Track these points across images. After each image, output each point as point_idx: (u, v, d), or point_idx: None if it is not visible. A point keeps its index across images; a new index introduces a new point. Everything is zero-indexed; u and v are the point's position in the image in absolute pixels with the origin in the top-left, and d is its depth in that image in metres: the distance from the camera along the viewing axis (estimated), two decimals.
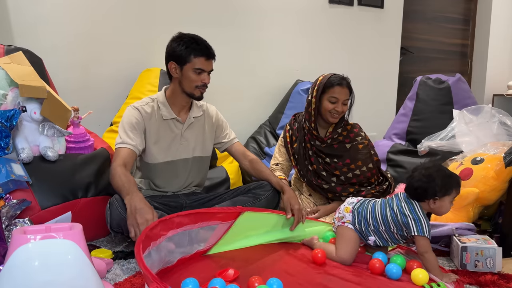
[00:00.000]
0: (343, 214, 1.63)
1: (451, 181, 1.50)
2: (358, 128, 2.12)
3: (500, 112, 2.31)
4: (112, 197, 1.63)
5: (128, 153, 1.68)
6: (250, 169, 1.96)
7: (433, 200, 1.50)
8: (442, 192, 1.49)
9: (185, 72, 1.73)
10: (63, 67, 2.66)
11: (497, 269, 1.58)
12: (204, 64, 1.73)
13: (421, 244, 1.49)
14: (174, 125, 1.82)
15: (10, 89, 1.72)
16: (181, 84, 1.76)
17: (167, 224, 1.41)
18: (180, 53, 1.71)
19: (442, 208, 1.51)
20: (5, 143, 1.59)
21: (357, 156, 2.04)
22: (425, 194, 1.50)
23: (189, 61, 1.71)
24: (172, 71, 1.76)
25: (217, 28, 3.12)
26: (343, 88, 1.98)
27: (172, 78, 1.79)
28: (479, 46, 4.38)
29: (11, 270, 1.02)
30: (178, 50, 1.71)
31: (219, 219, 1.59)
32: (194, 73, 1.72)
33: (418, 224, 1.49)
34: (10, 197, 1.51)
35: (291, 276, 1.45)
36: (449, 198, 1.51)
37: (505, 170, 1.87)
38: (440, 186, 1.48)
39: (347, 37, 3.63)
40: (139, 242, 1.21)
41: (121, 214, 1.56)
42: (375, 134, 3.27)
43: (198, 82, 1.74)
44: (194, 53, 1.71)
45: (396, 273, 1.45)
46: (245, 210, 1.65)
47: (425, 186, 1.49)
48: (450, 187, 1.50)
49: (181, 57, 1.71)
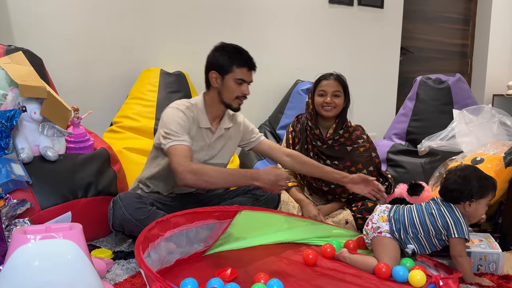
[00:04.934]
0: (379, 224, 1.58)
1: (488, 184, 1.48)
2: (360, 131, 2.12)
3: (500, 112, 2.31)
4: (115, 196, 1.62)
5: (187, 149, 1.62)
6: (295, 165, 1.92)
7: (469, 203, 1.48)
8: (479, 194, 1.47)
9: (226, 82, 1.71)
10: (63, 67, 2.66)
11: (499, 273, 1.58)
12: (246, 75, 1.73)
13: (458, 248, 1.47)
14: (206, 134, 1.79)
15: (10, 89, 1.72)
16: (220, 94, 1.74)
17: (164, 225, 1.41)
18: (223, 63, 1.70)
19: (478, 211, 1.49)
20: (5, 143, 1.59)
21: (358, 159, 2.04)
22: (461, 196, 1.48)
23: (231, 71, 1.70)
24: (213, 81, 1.73)
25: (217, 28, 3.12)
26: (330, 80, 2.02)
27: (210, 87, 1.77)
28: (479, 46, 4.38)
29: (11, 270, 1.02)
30: (221, 60, 1.70)
31: (216, 217, 1.59)
32: (235, 83, 1.71)
33: (458, 225, 1.46)
34: (10, 197, 1.51)
35: (291, 276, 1.45)
36: (485, 200, 1.49)
37: (505, 170, 1.86)
38: (477, 188, 1.46)
39: (347, 37, 3.62)
40: (139, 243, 1.21)
41: (124, 214, 1.55)
42: (375, 134, 3.27)
43: (239, 93, 1.73)
44: (236, 63, 1.70)
45: (403, 276, 1.42)
46: (242, 209, 1.65)
47: (461, 188, 1.47)
48: (487, 190, 1.48)
49: (223, 67, 1.70)
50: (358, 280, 1.43)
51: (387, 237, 1.55)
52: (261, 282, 1.31)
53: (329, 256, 1.64)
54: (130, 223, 1.56)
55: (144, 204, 1.60)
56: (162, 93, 2.71)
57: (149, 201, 1.65)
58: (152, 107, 2.66)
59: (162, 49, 2.99)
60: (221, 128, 1.82)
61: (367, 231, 1.62)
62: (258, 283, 1.30)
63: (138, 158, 2.44)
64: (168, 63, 2.93)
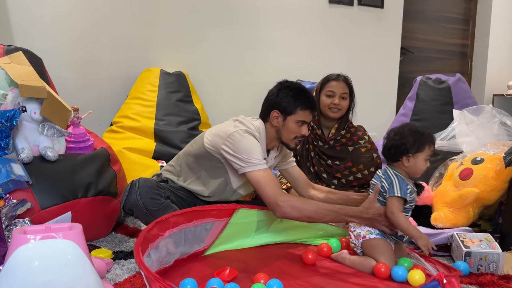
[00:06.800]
0: (358, 229, 1.56)
1: (422, 138, 1.50)
2: (362, 131, 2.12)
3: (500, 112, 2.30)
4: (134, 181, 1.61)
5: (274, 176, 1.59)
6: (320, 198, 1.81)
7: (407, 158, 1.50)
8: (414, 148, 1.49)
9: (288, 123, 1.68)
10: (63, 67, 2.66)
11: (499, 273, 1.58)
12: (308, 117, 1.70)
13: (389, 206, 1.48)
14: None
15: (10, 89, 1.72)
16: (279, 132, 1.71)
17: (163, 225, 1.41)
18: (287, 104, 1.67)
19: (417, 166, 1.50)
20: (5, 143, 1.59)
21: (359, 160, 2.04)
22: (399, 152, 1.50)
23: (294, 112, 1.67)
24: (273, 119, 1.70)
25: (217, 28, 3.13)
26: (339, 82, 2.01)
27: (267, 122, 1.73)
28: (479, 46, 4.37)
29: (11, 270, 1.02)
30: (286, 101, 1.67)
31: (213, 216, 1.58)
32: (296, 125, 1.68)
33: (390, 185, 1.48)
34: (10, 197, 1.51)
35: (291, 276, 1.45)
36: (423, 155, 1.50)
37: (505, 170, 1.86)
38: (412, 143, 1.49)
39: (347, 37, 3.63)
40: (138, 245, 1.21)
41: (137, 200, 1.56)
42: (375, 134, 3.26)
43: (298, 134, 1.69)
44: (301, 106, 1.67)
45: (402, 275, 1.41)
46: (239, 207, 1.65)
47: (397, 144, 1.50)
48: (422, 143, 1.49)
49: (287, 108, 1.67)
50: (357, 280, 1.43)
51: (372, 238, 1.53)
52: (261, 282, 1.31)
53: (325, 255, 1.64)
54: (140, 210, 1.57)
55: (159, 196, 1.59)
56: (162, 93, 2.71)
57: (165, 194, 1.64)
58: (152, 107, 2.66)
59: (162, 49, 2.99)
60: (271, 158, 1.79)
61: (353, 243, 1.60)
62: (258, 283, 1.30)
63: (138, 158, 2.44)
64: (168, 63, 2.93)
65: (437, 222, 1.90)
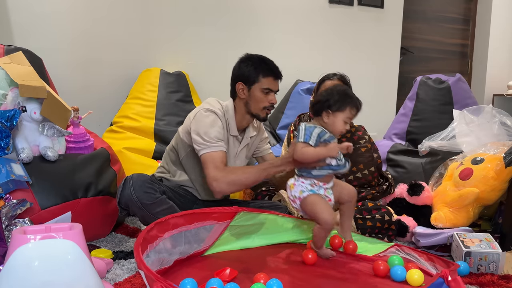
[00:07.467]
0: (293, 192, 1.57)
1: (348, 100, 1.51)
2: (362, 131, 2.12)
3: (500, 112, 2.31)
4: (128, 176, 1.63)
5: (223, 155, 1.62)
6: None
7: (327, 114, 1.51)
8: (336, 106, 1.50)
9: (253, 92, 1.71)
10: (63, 67, 2.67)
11: (499, 273, 1.58)
12: (272, 84, 1.73)
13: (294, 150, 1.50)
14: (233, 143, 1.79)
15: (10, 89, 1.72)
16: (247, 105, 1.73)
17: (163, 226, 1.40)
18: (249, 74, 1.70)
19: (335, 125, 1.52)
20: (5, 143, 1.59)
21: (359, 159, 2.04)
22: (321, 106, 1.52)
23: (257, 81, 1.70)
24: (239, 92, 1.73)
25: (217, 28, 3.13)
26: (333, 80, 2.04)
27: (236, 98, 1.77)
28: (479, 46, 4.38)
29: (11, 270, 1.02)
30: (247, 71, 1.71)
31: (214, 219, 1.58)
32: (262, 93, 1.71)
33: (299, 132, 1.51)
34: (10, 197, 1.51)
35: (290, 276, 1.45)
36: (342, 116, 1.51)
37: (505, 170, 1.86)
38: (335, 100, 1.50)
39: (347, 37, 3.63)
40: (138, 245, 1.21)
41: (131, 195, 1.57)
42: (375, 134, 3.27)
43: (266, 103, 1.72)
44: (263, 73, 1.70)
45: (401, 275, 1.41)
46: (240, 210, 1.64)
47: (322, 99, 1.52)
48: (345, 104, 1.50)
49: (249, 77, 1.70)
50: (357, 280, 1.43)
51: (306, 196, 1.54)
52: (261, 282, 1.31)
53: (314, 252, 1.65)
54: (135, 205, 1.58)
55: (153, 190, 1.60)
56: (162, 93, 2.71)
57: (160, 189, 1.65)
58: (152, 107, 2.66)
59: (162, 49, 2.99)
60: (247, 137, 1.81)
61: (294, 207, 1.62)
62: (258, 283, 1.30)
63: (138, 158, 2.44)
64: (168, 63, 2.93)
65: (437, 222, 1.90)
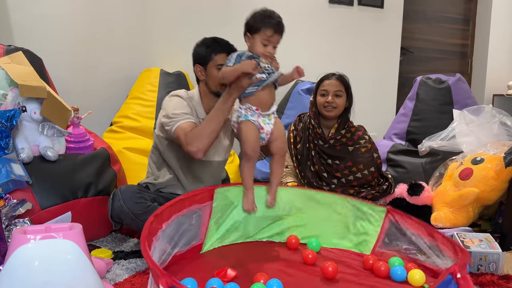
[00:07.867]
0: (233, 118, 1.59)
1: (264, 20, 1.49)
2: (362, 131, 2.12)
3: (500, 112, 2.31)
4: (116, 189, 1.64)
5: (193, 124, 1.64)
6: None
7: (247, 37, 1.51)
8: (253, 28, 1.49)
9: (209, 71, 1.74)
10: (63, 67, 2.66)
11: (499, 273, 1.58)
12: (225, 60, 1.71)
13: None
14: None
15: (10, 89, 1.72)
16: (207, 84, 1.76)
17: (161, 217, 1.41)
18: (203, 54, 1.74)
19: (253, 48, 1.52)
20: (5, 143, 1.59)
21: (359, 159, 2.04)
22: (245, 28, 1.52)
23: (211, 59, 1.73)
24: (198, 74, 1.78)
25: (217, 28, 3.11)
26: (331, 80, 2.05)
27: (199, 82, 1.81)
28: (479, 46, 4.37)
29: (11, 270, 1.02)
30: (201, 52, 1.75)
31: (198, 201, 1.59)
32: (217, 71, 1.72)
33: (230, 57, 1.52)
34: (10, 197, 1.51)
35: (290, 276, 1.45)
36: (259, 37, 1.50)
37: (505, 170, 1.86)
38: (252, 22, 1.49)
39: (347, 37, 3.62)
40: (144, 239, 1.20)
41: (122, 207, 1.57)
42: (375, 134, 3.26)
43: None
44: (215, 51, 1.73)
45: (401, 275, 1.41)
46: (216, 187, 1.67)
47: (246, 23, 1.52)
48: (260, 25, 1.48)
49: (204, 57, 1.74)
50: (357, 280, 1.43)
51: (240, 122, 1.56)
52: (261, 282, 1.31)
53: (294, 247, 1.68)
54: (127, 216, 1.58)
55: (143, 199, 1.61)
56: (162, 93, 2.71)
57: (150, 197, 1.66)
58: (152, 107, 2.66)
59: (162, 49, 2.99)
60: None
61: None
62: (258, 283, 1.30)
63: (138, 158, 2.44)
64: (168, 63, 2.93)
65: (437, 222, 1.91)
